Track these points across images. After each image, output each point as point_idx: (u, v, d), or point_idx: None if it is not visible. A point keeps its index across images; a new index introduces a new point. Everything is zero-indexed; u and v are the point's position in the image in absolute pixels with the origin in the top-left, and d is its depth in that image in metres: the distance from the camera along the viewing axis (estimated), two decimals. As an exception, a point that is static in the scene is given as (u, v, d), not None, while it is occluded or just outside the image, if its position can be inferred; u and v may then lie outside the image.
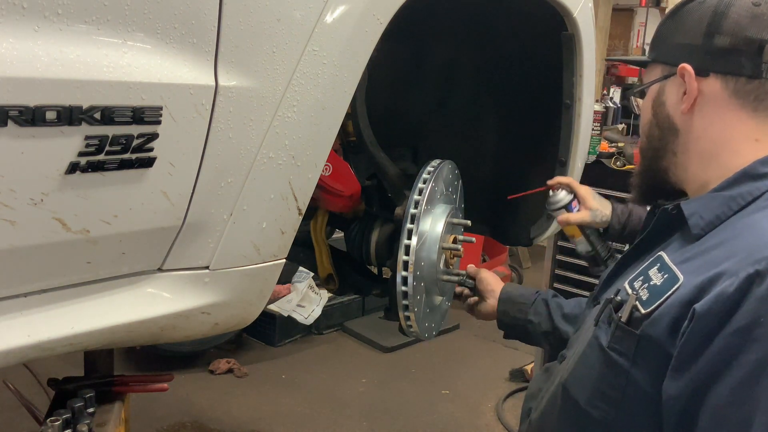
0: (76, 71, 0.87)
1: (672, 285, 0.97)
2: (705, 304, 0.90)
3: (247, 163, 1.09)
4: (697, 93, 1.06)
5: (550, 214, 1.77)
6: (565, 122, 1.79)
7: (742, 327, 0.87)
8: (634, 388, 0.99)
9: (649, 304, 0.98)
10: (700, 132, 1.08)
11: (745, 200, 0.99)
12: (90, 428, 1.27)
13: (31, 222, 0.90)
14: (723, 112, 1.05)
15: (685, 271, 0.97)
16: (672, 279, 0.98)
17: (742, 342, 0.87)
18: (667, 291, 0.97)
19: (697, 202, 1.05)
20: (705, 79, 1.06)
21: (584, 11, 1.72)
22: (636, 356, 0.98)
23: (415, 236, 1.43)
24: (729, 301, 0.88)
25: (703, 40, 1.05)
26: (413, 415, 3.41)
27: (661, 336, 0.95)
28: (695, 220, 1.02)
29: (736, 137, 1.05)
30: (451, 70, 1.99)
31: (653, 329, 0.96)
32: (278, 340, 4.00)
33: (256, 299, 1.21)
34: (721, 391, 0.88)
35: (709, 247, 0.98)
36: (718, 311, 0.88)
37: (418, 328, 1.52)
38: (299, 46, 1.10)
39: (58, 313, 0.99)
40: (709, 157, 1.07)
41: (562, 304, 1.54)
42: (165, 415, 3.19)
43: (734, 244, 0.94)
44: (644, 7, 8.79)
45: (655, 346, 0.96)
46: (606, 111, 3.67)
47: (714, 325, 0.89)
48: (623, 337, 1.01)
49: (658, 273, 1.01)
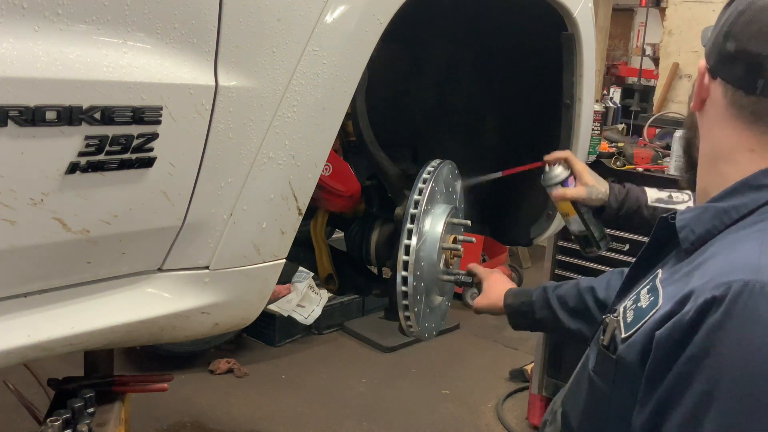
0: (76, 71, 0.87)
1: (651, 309, 0.93)
2: (663, 331, 0.86)
3: (247, 163, 1.09)
4: (707, 94, 1.01)
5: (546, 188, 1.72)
6: (565, 122, 1.79)
7: (693, 356, 0.83)
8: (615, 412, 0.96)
9: (629, 328, 0.95)
10: (705, 134, 1.04)
11: (739, 213, 0.94)
12: (90, 428, 1.26)
13: (31, 222, 0.90)
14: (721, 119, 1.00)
15: (665, 295, 0.93)
16: (654, 302, 0.94)
17: (692, 371, 0.83)
18: (646, 315, 0.93)
19: (691, 213, 1.00)
20: (714, 82, 1.00)
21: (584, 11, 1.72)
22: (615, 381, 0.96)
23: (415, 236, 1.43)
24: (684, 328, 0.84)
25: (721, 40, 0.98)
26: (413, 415, 3.41)
27: (633, 363, 0.92)
28: (686, 234, 0.97)
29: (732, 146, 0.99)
30: (451, 70, 1.99)
31: (628, 354, 0.93)
32: (278, 340, 4.00)
33: (256, 299, 1.21)
34: (672, 423, 0.84)
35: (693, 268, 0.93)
36: (674, 338, 0.85)
37: (418, 328, 1.52)
38: (299, 46, 1.10)
39: (58, 313, 0.99)
40: (709, 161, 1.03)
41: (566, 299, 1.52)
42: (165, 415, 3.19)
43: (709, 265, 0.89)
44: (644, 7, 8.78)
45: (631, 372, 0.93)
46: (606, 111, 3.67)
47: (669, 353, 0.85)
48: (604, 361, 0.98)
49: (647, 294, 0.97)
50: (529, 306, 1.57)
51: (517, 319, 1.60)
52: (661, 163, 2.98)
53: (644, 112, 5.75)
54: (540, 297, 1.56)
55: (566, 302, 1.52)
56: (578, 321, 1.50)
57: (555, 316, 1.53)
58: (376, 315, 4.34)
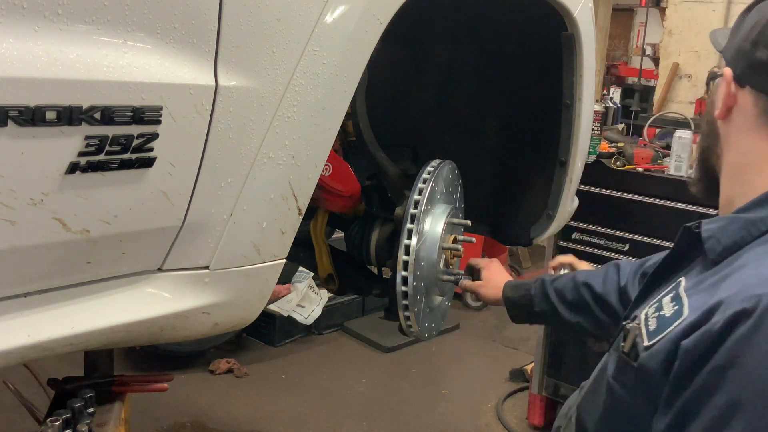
0: (76, 71, 0.87)
1: (676, 319, 0.92)
2: (690, 341, 0.86)
3: (247, 163, 1.09)
4: (733, 102, 1.00)
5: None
6: (565, 122, 1.79)
7: (718, 366, 0.82)
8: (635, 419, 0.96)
9: (653, 336, 0.94)
10: (731, 143, 1.01)
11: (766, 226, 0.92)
12: (90, 428, 1.26)
13: (31, 222, 0.90)
14: (751, 128, 0.98)
15: (691, 305, 0.92)
16: (678, 312, 0.92)
17: (716, 382, 0.82)
18: (670, 325, 0.92)
19: (718, 223, 0.98)
20: (742, 90, 0.99)
21: (584, 11, 1.72)
22: (635, 388, 0.95)
23: (415, 236, 1.43)
24: (712, 338, 0.83)
25: (749, 48, 0.97)
26: (413, 415, 3.41)
27: (657, 371, 0.91)
28: (712, 244, 0.96)
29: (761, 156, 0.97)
30: (451, 70, 1.99)
31: (650, 363, 0.92)
32: (278, 340, 4.00)
33: (256, 299, 1.21)
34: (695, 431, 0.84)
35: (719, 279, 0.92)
36: (701, 349, 0.84)
37: (418, 328, 1.52)
38: (299, 46, 1.10)
39: (58, 313, 0.99)
40: (735, 171, 1.01)
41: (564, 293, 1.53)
42: (165, 415, 3.19)
43: (737, 276, 0.88)
44: (644, 7, 8.79)
45: (652, 379, 0.92)
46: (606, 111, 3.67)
47: (695, 363, 0.85)
48: (624, 368, 0.98)
49: (671, 303, 0.96)
50: (529, 299, 1.59)
51: (516, 311, 1.61)
52: (661, 163, 2.98)
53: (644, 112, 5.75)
54: (539, 291, 1.58)
55: (564, 296, 1.53)
56: (577, 314, 1.52)
57: (554, 309, 1.54)
58: (376, 315, 4.34)
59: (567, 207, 1.91)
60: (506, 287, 1.64)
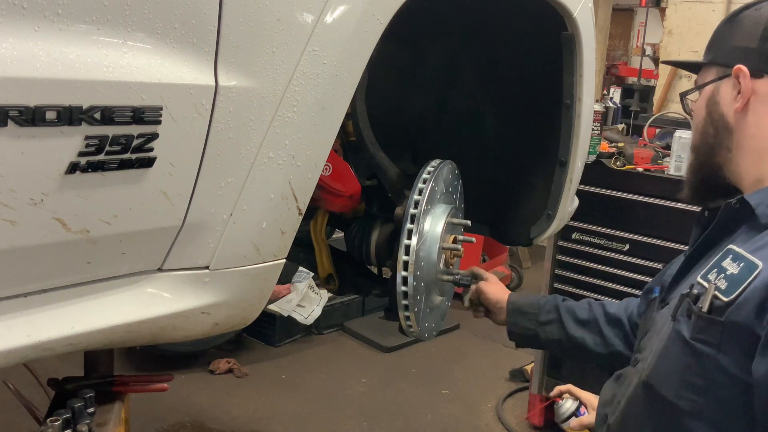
0: (76, 71, 0.87)
1: (752, 271, 1.01)
2: None
3: (247, 163, 1.09)
4: (751, 93, 1.13)
5: (561, 425, 1.80)
6: (565, 122, 1.79)
7: None
8: (722, 374, 1.02)
9: (730, 292, 1.02)
10: (753, 129, 1.14)
11: None
12: (90, 428, 1.26)
13: (31, 222, 0.90)
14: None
15: (762, 257, 1.01)
16: (750, 266, 1.02)
17: None
18: (747, 277, 1.01)
19: (762, 193, 1.10)
20: (759, 80, 1.13)
21: (584, 11, 1.72)
22: (722, 343, 1.02)
23: (415, 236, 1.43)
24: None
25: (759, 43, 1.13)
26: (413, 415, 3.41)
27: (747, 319, 0.99)
28: (762, 209, 1.08)
29: None
30: (451, 70, 1.99)
31: (739, 315, 1.00)
32: (278, 340, 4.00)
33: (256, 299, 1.21)
34: None
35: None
36: None
37: (418, 328, 1.52)
38: (299, 46, 1.10)
39: (58, 313, 0.99)
40: (762, 153, 1.13)
41: (574, 309, 1.56)
42: (165, 415, 3.19)
43: None
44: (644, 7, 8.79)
45: (742, 330, 0.99)
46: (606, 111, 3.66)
47: None
48: (706, 327, 1.04)
49: (733, 263, 1.05)
50: (535, 308, 1.59)
51: (518, 319, 1.60)
52: (661, 163, 2.98)
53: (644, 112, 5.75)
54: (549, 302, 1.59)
55: (574, 312, 1.56)
56: (584, 330, 1.54)
57: (561, 321, 1.55)
58: (376, 315, 4.35)
59: (567, 207, 1.91)
60: (512, 295, 1.65)
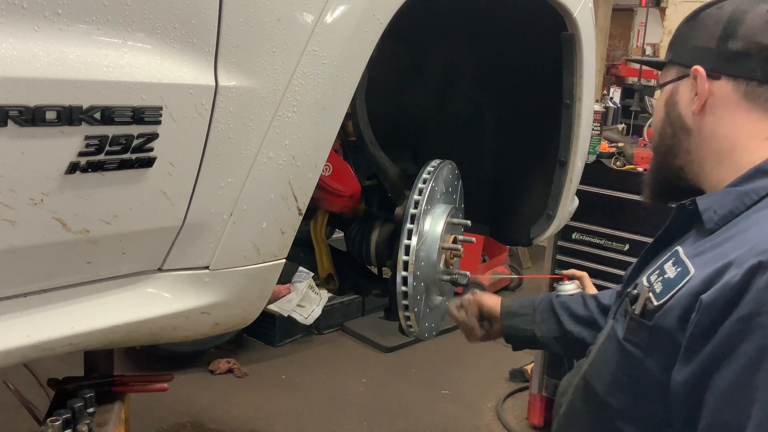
0: (76, 71, 0.87)
1: (683, 277, 1.00)
2: (711, 295, 0.93)
3: (247, 163, 1.09)
4: (708, 94, 1.10)
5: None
6: (565, 122, 1.79)
7: (744, 316, 0.89)
8: (648, 377, 1.03)
9: (662, 296, 1.02)
10: (711, 132, 1.11)
11: (758, 195, 1.02)
12: (90, 428, 1.26)
13: (31, 222, 0.90)
14: (734, 113, 1.09)
15: (696, 264, 1.00)
16: (684, 272, 1.01)
17: (744, 330, 0.89)
18: (678, 283, 1.00)
19: (712, 197, 1.08)
20: (717, 82, 1.10)
21: (584, 11, 1.72)
22: (649, 347, 1.02)
23: (415, 236, 1.43)
24: (733, 290, 0.91)
25: (717, 44, 1.10)
26: (413, 415, 3.41)
27: (671, 326, 0.99)
28: (709, 215, 1.05)
29: (746, 136, 1.08)
30: (451, 70, 1.99)
31: (665, 320, 1.00)
32: (278, 340, 4.00)
33: (256, 299, 1.21)
34: (724, 377, 0.91)
35: (720, 241, 1.01)
36: (723, 301, 0.91)
37: (418, 328, 1.52)
38: (299, 46, 1.10)
39: (58, 313, 0.99)
40: (721, 155, 1.11)
41: (569, 305, 1.55)
42: (165, 415, 3.19)
43: (743, 237, 0.98)
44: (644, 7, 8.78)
45: (667, 336, 0.99)
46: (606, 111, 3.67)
47: (718, 314, 0.92)
48: (637, 329, 1.05)
49: (673, 266, 1.05)
50: (530, 309, 1.58)
51: (513, 321, 1.60)
52: (661, 163, 2.97)
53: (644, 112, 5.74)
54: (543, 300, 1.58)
55: (570, 308, 1.55)
56: (580, 326, 1.53)
57: (557, 318, 1.54)
58: (376, 315, 4.34)
59: (567, 207, 1.91)
60: (505, 298, 1.65)
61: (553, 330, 1.55)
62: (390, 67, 1.85)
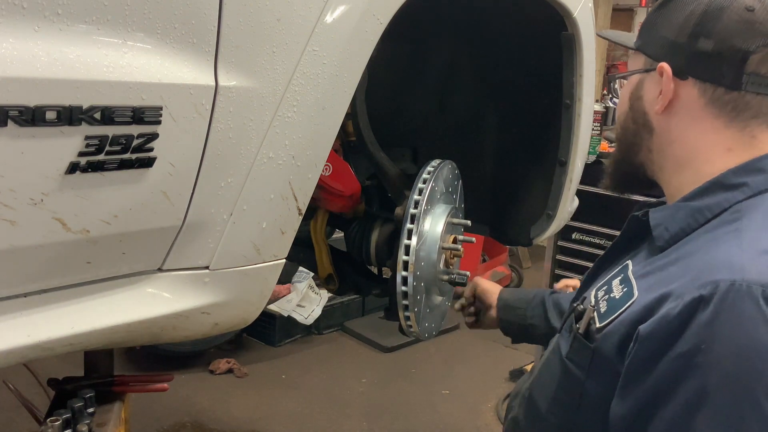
0: (76, 71, 0.87)
1: (627, 300, 0.94)
2: (648, 326, 0.87)
3: (247, 163, 1.09)
4: (673, 95, 1.01)
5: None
6: (565, 122, 1.79)
7: (683, 353, 0.84)
8: (588, 399, 0.98)
9: (604, 318, 0.97)
10: (674, 135, 1.03)
11: (712, 212, 0.96)
12: (90, 428, 1.27)
13: (31, 222, 0.90)
14: (698, 118, 1.00)
15: (640, 287, 0.95)
16: (628, 294, 0.96)
17: (683, 368, 0.84)
18: (621, 306, 0.95)
19: (664, 212, 1.02)
20: (683, 82, 1.00)
21: (584, 11, 1.72)
22: (590, 369, 0.98)
23: (415, 236, 1.43)
24: (672, 324, 0.85)
25: (687, 40, 0.99)
26: (413, 415, 3.41)
27: (610, 353, 0.94)
28: (660, 232, 0.99)
29: (709, 145, 1.00)
30: (451, 70, 1.99)
31: (605, 344, 0.95)
32: (278, 340, 4.00)
33: (256, 299, 1.21)
34: (661, 419, 0.86)
35: (668, 262, 0.95)
36: (662, 334, 0.86)
37: (418, 328, 1.52)
38: (299, 46, 1.10)
39: (58, 313, 0.99)
40: (682, 162, 1.03)
41: (560, 302, 1.54)
42: (165, 415, 3.19)
43: (688, 262, 0.91)
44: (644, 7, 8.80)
45: (607, 362, 0.94)
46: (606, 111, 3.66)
47: (656, 349, 0.86)
48: (579, 349, 1.00)
49: (620, 285, 0.99)
50: (524, 303, 1.58)
51: (508, 315, 1.60)
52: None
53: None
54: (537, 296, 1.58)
55: (560, 305, 1.54)
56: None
57: (545, 315, 1.53)
58: (376, 315, 4.35)
59: (567, 207, 1.91)
60: (503, 290, 1.64)
61: (542, 327, 1.54)
62: (390, 67, 1.85)
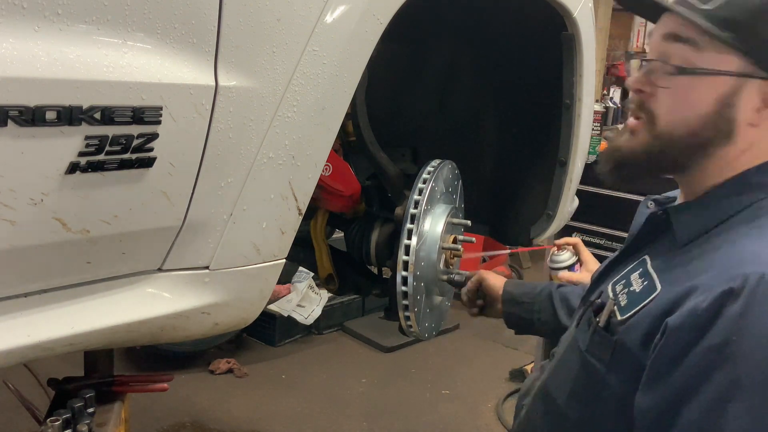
0: (76, 71, 0.87)
1: (649, 294, 0.94)
2: (677, 319, 0.87)
3: (247, 163, 1.09)
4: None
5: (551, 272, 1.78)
6: (565, 122, 1.79)
7: (714, 345, 0.84)
8: (609, 392, 0.98)
9: (626, 311, 0.97)
10: (752, 146, 0.97)
11: (734, 210, 0.95)
12: (90, 428, 1.27)
13: (31, 222, 0.90)
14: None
15: (663, 281, 0.94)
16: (650, 287, 0.95)
17: (714, 360, 0.84)
18: (644, 300, 0.95)
19: (688, 209, 1.01)
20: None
21: (584, 11, 1.72)
22: (611, 362, 0.98)
23: (415, 236, 1.43)
24: (702, 317, 0.85)
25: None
26: (413, 415, 3.41)
27: (634, 346, 0.94)
28: (682, 228, 0.99)
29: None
30: (451, 70, 1.99)
31: (627, 337, 0.95)
32: (278, 340, 4.00)
33: (256, 299, 1.21)
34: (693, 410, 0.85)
35: (690, 258, 0.94)
36: (691, 327, 0.86)
37: (418, 328, 1.52)
38: (299, 46, 1.10)
39: (58, 313, 0.99)
40: (734, 167, 0.98)
41: (568, 298, 1.52)
42: (165, 415, 3.19)
43: (713, 257, 0.91)
44: (644, 7, 8.76)
45: (629, 354, 0.94)
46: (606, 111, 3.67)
47: (686, 341, 0.86)
48: (600, 342, 1.00)
49: (639, 279, 0.99)
50: (530, 297, 1.56)
51: (513, 308, 1.57)
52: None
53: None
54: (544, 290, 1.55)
55: (568, 301, 1.52)
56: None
57: (554, 311, 1.52)
58: (376, 315, 4.34)
59: (567, 207, 1.91)
60: (508, 283, 1.62)
61: (550, 323, 1.52)
62: (390, 67, 1.85)
